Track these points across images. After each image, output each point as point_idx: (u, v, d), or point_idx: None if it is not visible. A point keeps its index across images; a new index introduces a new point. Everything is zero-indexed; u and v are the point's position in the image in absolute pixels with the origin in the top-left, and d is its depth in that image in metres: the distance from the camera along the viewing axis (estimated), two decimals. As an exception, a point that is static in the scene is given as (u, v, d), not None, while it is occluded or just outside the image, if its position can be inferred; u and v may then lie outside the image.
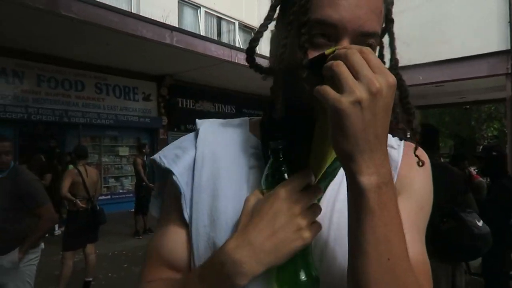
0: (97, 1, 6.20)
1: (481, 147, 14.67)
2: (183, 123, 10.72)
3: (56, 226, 7.09)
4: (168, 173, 0.70)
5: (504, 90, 11.05)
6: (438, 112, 25.85)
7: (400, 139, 0.74)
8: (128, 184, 9.47)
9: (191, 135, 0.76)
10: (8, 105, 7.25)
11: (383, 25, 0.64)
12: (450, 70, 11.10)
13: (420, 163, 0.59)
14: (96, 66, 8.51)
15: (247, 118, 0.79)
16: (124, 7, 9.87)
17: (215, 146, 0.71)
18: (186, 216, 0.67)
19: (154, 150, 9.75)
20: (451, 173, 2.96)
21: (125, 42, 7.06)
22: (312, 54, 0.56)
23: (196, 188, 0.67)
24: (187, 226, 0.67)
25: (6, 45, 7.05)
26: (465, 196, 2.93)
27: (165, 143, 9.77)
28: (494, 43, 10.61)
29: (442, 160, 13.04)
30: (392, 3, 0.65)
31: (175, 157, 0.71)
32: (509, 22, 10.29)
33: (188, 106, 10.81)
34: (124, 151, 9.51)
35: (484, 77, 10.97)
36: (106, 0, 9.53)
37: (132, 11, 9.91)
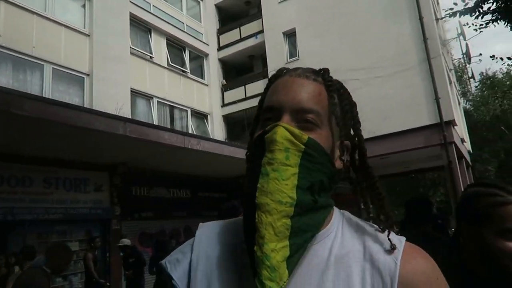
0: (49, 98, 6.32)
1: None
2: (137, 212, 10.42)
3: None
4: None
5: (441, 159, 11.95)
6: (389, 183, 27.03)
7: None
8: (77, 282, 8.79)
9: (192, 238, 0.81)
10: None
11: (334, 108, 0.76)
12: (391, 144, 11.95)
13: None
14: (45, 160, 8.36)
15: None
16: (77, 102, 10.08)
17: (208, 247, 0.76)
18: None
19: (106, 241, 9.31)
20: (443, 245, 3.00)
21: (77, 135, 7.10)
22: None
23: (192, 286, 0.72)
24: None
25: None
26: None
27: (119, 233, 9.37)
28: (426, 118, 11.69)
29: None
30: (334, 91, 0.78)
31: (176, 261, 0.77)
32: (435, 99, 11.47)
33: (142, 194, 10.63)
34: (74, 246, 8.97)
35: (422, 148, 11.85)
36: (60, 96, 9.75)
37: (85, 105, 10.10)
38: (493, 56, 7.45)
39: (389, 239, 0.70)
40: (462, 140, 14.26)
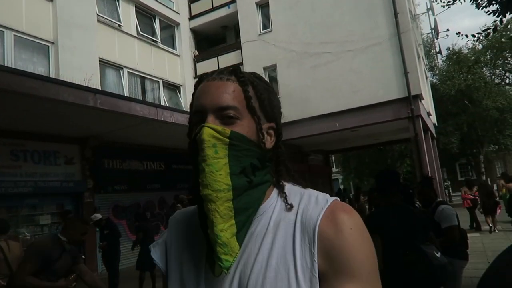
0: (13, 68, 6.06)
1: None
2: (111, 184, 10.35)
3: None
4: None
5: (408, 131, 12.38)
6: (359, 154, 27.85)
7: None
8: (51, 255, 8.75)
9: None
10: None
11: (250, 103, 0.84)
12: (361, 116, 12.23)
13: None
14: (11, 133, 8.09)
15: None
16: (42, 71, 9.67)
17: (178, 230, 0.93)
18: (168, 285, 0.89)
19: (80, 215, 9.23)
20: (410, 214, 3.09)
21: (45, 107, 6.88)
22: None
23: (168, 264, 0.91)
24: None
25: None
26: (427, 234, 3.10)
27: (92, 206, 9.32)
28: (395, 92, 11.97)
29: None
30: (247, 84, 0.85)
31: (157, 244, 0.96)
32: (404, 73, 11.73)
33: (115, 167, 10.51)
34: (45, 219, 8.87)
35: (390, 121, 12.20)
36: (23, 65, 9.32)
37: (51, 75, 9.72)
38: (459, 33, 7.67)
39: (285, 198, 0.84)
40: (428, 114, 14.78)
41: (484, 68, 26.36)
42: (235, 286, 0.78)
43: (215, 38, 17.13)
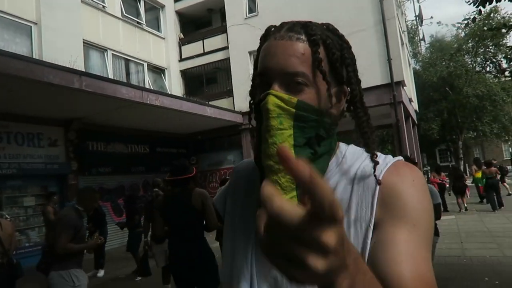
0: (-3, 48, 5.99)
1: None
2: (95, 167, 10.37)
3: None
4: None
5: (390, 117, 12.65)
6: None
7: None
8: (36, 236, 8.80)
9: None
10: None
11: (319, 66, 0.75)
12: (345, 102, 12.40)
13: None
14: (-6, 114, 8.03)
15: None
16: (24, 52, 9.52)
17: (240, 178, 0.95)
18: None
19: (64, 196, 9.27)
20: None
21: (29, 88, 6.84)
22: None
23: (226, 207, 0.94)
24: None
25: None
26: None
27: (76, 188, 9.34)
28: (378, 78, 12.17)
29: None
30: (318, 45, 0.76)
31: (220, 191, 1.03)
32: (387, 60, 11.93)
33: (99, 149, 10.51)
34: (29, 201, 8.88)
35: (373, 106, 12.39)
36: (5, 45, 9.16)
37: (34, 56, 9.58)
38: (439, 22, 7.88)
39: (374, 157, 0.78)
40: (410, 100, 15.08)
41: (466, 56, 26.85)
42: None
43: (201, 21, 16.98)
